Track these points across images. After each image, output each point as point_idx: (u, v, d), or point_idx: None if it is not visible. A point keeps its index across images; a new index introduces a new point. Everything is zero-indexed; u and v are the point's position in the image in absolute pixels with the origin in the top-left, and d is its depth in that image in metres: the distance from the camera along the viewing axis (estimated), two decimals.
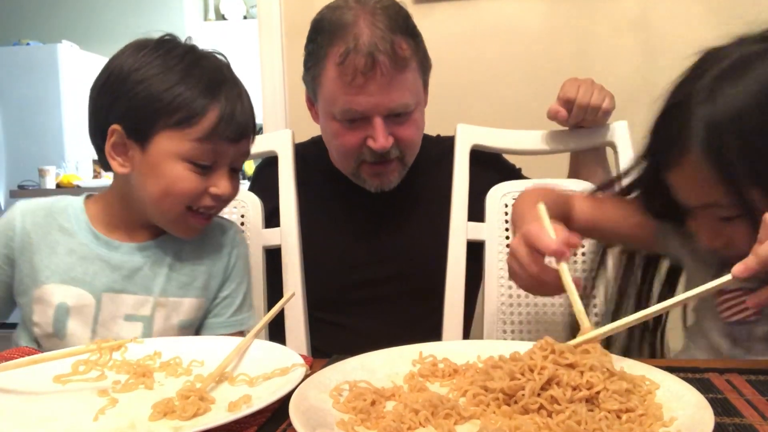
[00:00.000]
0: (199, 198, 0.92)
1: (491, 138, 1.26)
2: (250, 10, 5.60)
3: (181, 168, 0.89)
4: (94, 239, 0.94)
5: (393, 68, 1.10)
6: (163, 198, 0.90)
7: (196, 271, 0.97)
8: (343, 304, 1.25)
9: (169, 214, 0.93)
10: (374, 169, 1.18)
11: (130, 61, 0.91)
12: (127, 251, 0.94)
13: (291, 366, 0.68)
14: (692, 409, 0.54)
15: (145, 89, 0.88)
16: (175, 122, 0.88)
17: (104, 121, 0.90)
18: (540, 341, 0.62)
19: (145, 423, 0.59)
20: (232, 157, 0.94)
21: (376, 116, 1.12)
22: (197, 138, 0.88)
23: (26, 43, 4.84)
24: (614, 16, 1.74)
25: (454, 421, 0.56)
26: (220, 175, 0.93)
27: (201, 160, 0.90)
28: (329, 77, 1.13)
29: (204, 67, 0.92)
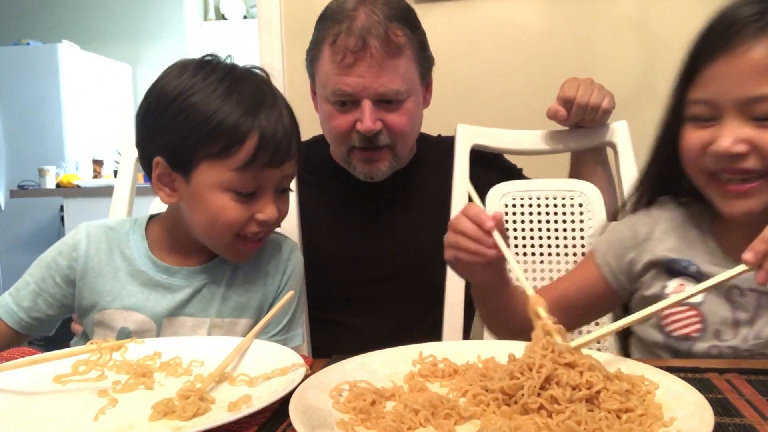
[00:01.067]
0: (246, 225, 0.91)
1: (491, 138, 1.26)
2: (250, 10, 5.60)
3: (224, 198, 0.88)
4: (152, 266, 0.95)
5: (384, 52, 1.11)
6: (210, 228, 0.91)
7: (251, 291, 0.97)
8: (343, 303, 1.25)
9: (218, 242, 0.93)
10: (364, 155, 1.19)
11: (170, 86, 0.90)
12: (185, 275, 0.95)
13: (291, 366, 0.68)
14: (692, 409, 0.54)
15: (184, 119, 0.88)
16: (215, 152, 0.87)
17: (149, 152, 0.92)
18: (542, 340, 0.62)
19: (145, 423, 0.59)
20: (276, 181, 0.92)
21: (365, 99, 1.13)
22: (237, 167, 0.87)
23: (26, 43, 4.84)
24: (614, 16, 1.74)
25: (454, 421, 0.56)
26: (266, 200, 0.91)
27: (243, 189, 0.89)
28: (324, 59, 1.16)
29: (242, 91, 0.91)
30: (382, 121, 1.15)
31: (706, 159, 0.81)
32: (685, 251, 0.89)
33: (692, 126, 0.83)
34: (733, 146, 0.77)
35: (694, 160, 0.83)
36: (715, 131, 0.80)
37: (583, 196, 1.18)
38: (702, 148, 0.81)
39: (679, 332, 0.86)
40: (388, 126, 1.16)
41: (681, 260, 0.88)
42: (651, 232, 0.92)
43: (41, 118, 4.48)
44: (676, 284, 0.88)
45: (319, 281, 1.22)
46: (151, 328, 0.92)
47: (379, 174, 1.21)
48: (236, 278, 0.97)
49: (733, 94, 0.78)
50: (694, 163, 0.84)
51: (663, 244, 0.90)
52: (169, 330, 0.93)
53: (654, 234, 0.92)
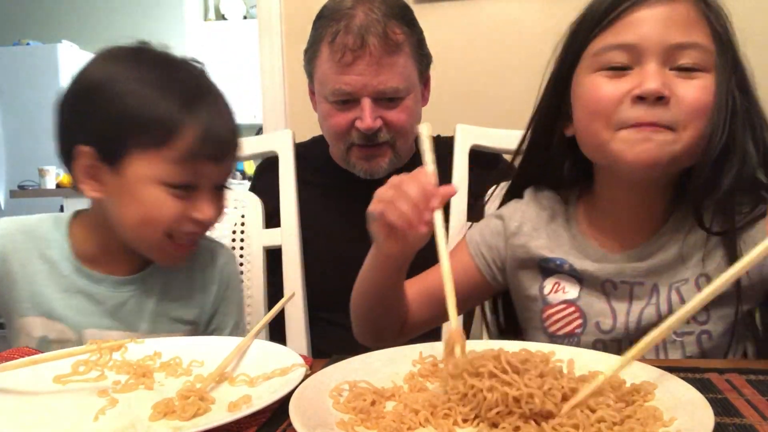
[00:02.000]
0: (180, 224, 0.84)
1: (490, 138, 1.26)
2: (250, 10, 5.60)
3: (158, 192, 0.81)
4: (74, 270, 0.87)
5: (383, 50, 1.12)
6: (140, 225, 0.83)
7: (186, 305, 0.92)
8: (343, 303, 1.25)
9: (148, 243, 0.85)
10: (363, 152, 1.20)
11: (99, 73, 0.83)
12: (111, 285, 0.88)
13: (291, 366, 0.68)
14: (692, 409, 0.54)
15: (115, 106, 0.80)
16: (149, 142, 0.80)
17: (71, 141, 0.83)
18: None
19: (145, 423, 0.59)
20: (215, 178, 0.86)
21: (365, 97, 1.14)
22: (175, 159, 0.80)
23: (26, 43, 4.85)
24: None
25: (453, 421, 0.56)
26: (204, 198, 0.84)
27: (180, 182, 0.81)
28: (322, 59, 1.17)
29: (180, 79, 0.84)
30: (382, 118, 1.16)
31: (621, 109, 0.77)
32: (557, 249, 0.88)
33: (602, 76, 0.79)
34: (662, 89, 0.74)
35: (606, 112, 0.78)
36: (634, 79, 0.76)
37: None
38: (619, 97, 0.77)
39: (562, 330, 0.85)
40: (388, 123, 1.17)
41: (554, 259, 0.87)
42: (520, 227, 0.91)
43: (41, 118, 4.47)
44: (552, 282, 0.87)
45: (319, 281, 1.22)
46: (71, 338, 0.85)
47: (380, 171, 1.22)
48: (168, 290, 0.90)
49: (657, 39, 0.76)
50: (605, 115, 0.78)
51: (534, 242, 0.89)
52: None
53: (523, 230, 0.90)
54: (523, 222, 0.91)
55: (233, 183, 3.21)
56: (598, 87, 0.80)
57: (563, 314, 0.86)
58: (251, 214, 1.22)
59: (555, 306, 0.86)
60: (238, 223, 1.22)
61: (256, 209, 1.23)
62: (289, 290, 1.15)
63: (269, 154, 1.27)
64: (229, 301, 0.97)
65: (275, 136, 1.29)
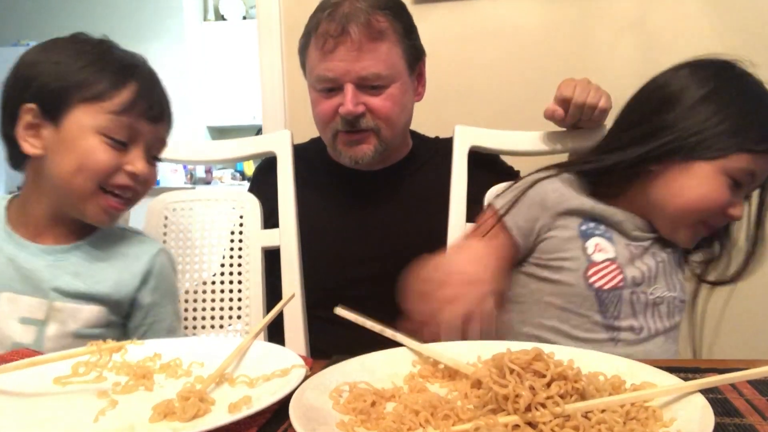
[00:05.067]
0: (113, 175, 0.90)
1: (490, 139, 1.26)
2: (250, 10, 5.60)
3: (95, 141, 0.88)
4: (5, 236, 0.93)
5: (364, 36, 1.15)
6: (75, 174, 0.89)
7: (101, 278, 0.94)
8: (342, 301, 1.24)
9: (80, 192, 0.90)
10: (347, 137, 1.22)
11: (39, 49, 0.92)
12: (33, 252, 0.93)
13: (291, 367, 0.68)
14: (692, 409, 0.54)
15: (58, 66, 0.89)
16: (91, 95, 0.88)
17: (15, 105, 0.89)
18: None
19: (145, 424, 0.59)
20: (149, 139, 0.93)
21: (347, 83, 1.16)
22: (114, 111, 0.89)
23: (26, 44, 4.84)
24: (614, 16, 1.74)
25: (452, 422, 0.56)
26: (137, 154, 0.92)
27: (117, 134, 0.89)
28: (310, 48, 1.20)
29: (118, 53, 0.93)
30: (365, 105, 1.18)
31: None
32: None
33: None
34: None
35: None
36: None
37: None
38: None
39: (608, 285, 0.96)
40: (371, 110, 1.19)
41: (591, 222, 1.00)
42: (561, 196, 1.01)
43: None
44: (593, 244, 0.99)
45: (318, 279, 1.22)
46: None
47: (364, 158, 1.23)
48: (87, 264, 0.94)
49: None
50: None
51: (574, 207, 1.01)
52: (7, 307, 0.89)
53: (564, 197, 1.01)
54: (562, 192, 1.02)
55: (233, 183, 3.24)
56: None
57: (607, 271, 0.97)
58: (249, 215, 1.22)
59: (599, 264, 0.97)
60: (237, 223, 1.22)
61: (254, 210, 1.22)
62: (288, 291, 1.15)
63: (268, 154, 1.27)
64: (163, 293, 1.00)
65: (274, 136, 1.29)
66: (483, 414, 0.55)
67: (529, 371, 0.56)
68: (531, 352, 0.57)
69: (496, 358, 0.58)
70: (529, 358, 0.57)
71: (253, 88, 5.46)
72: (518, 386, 0.54)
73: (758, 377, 0.57)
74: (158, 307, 0.99)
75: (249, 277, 1.19)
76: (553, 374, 0.55)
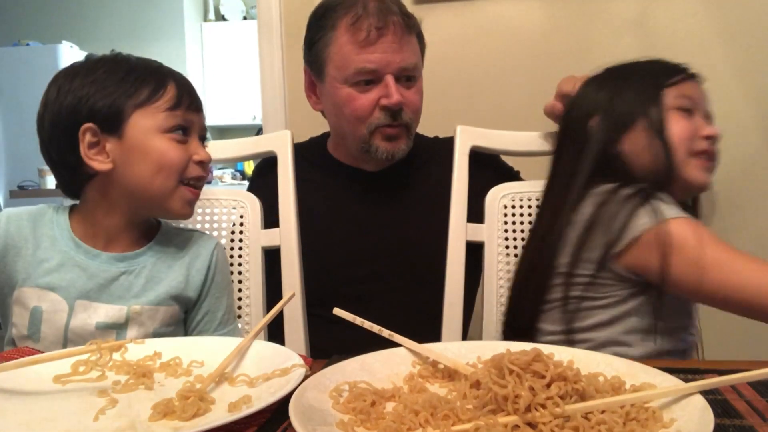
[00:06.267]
0: (187, 168, 0.95)
1: (490, 139, 1.26)
2: (250, 10, 5.61)
3: (164, 141, 0.93)
4: (74, 246, 0.95)
5: (403, 27, 1.16)
6: (155, 175, 0.93)
7: (172, 278, 0.98)
8: (341, 301, 1.24)
9: (164, 191, 0.94)
10: (387, 131, 1.21)
11: (68, 77, 0.93)
12: (105, 260, 0.95)
13: (291, 366, 0.68)
14: (692, 410, 0.54)
15: (98, 84, 0.92)
16: (143, 99, 0.92)
17: (71, 131, 0.91)
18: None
19: (145, 423, 0.59)
20: (198, 127, 0.98)
21: (388, 74, 1.16)
22: (167, 108, 0.93)
23: (26, 43, 4.85)
24: (614, 16, 1.74)
25: (452, 422, 0.56)
26: (196, 143, 0.97)
27: (176, 128, 0.94)
28: (341, 43, 1.17)
29: (141, 60, 0.98)
30: (403, 97, 1.18)
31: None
32: None
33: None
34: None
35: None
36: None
37: None
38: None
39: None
40: (406, 103, 1.19)
41: None
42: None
43: None
44: None
45: (318, 278, 1.22)
46: (62, 309, 0.92)
47: (399, 152, 1.23)
48: (157, 267, 0.97)
49: None
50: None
51: None
52: (82, 315, 0.92)
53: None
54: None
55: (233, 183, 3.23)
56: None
57: None
58: (250, 215, 1.22)
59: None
60: (237, 223, 1.22)
61: (254, 210, 1.22)
62: (288, 290, 1.15)
63: (268, 154, 1.27)
64: (219, 286, 1.03)
65: (274, 136, 1.29)
66: (483, 414, 0.55)
67: (528, 372, 0.56)
68: (530, 352, 0.57)
69: (495, 359, 0.58)
70: (528, 359, 0.57)
71: (253, 88, 5.47)
72: (518, 387, 0.54)
73: (758, 379, 0.57)
74: (213, 299, 1.02)
75: (249, 277, 1.20)
76: (552, 375, 0.55)
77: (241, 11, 5.68)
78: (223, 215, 1.23)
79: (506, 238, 1.20)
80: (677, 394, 0.57)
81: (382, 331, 0.76)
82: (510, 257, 1.19)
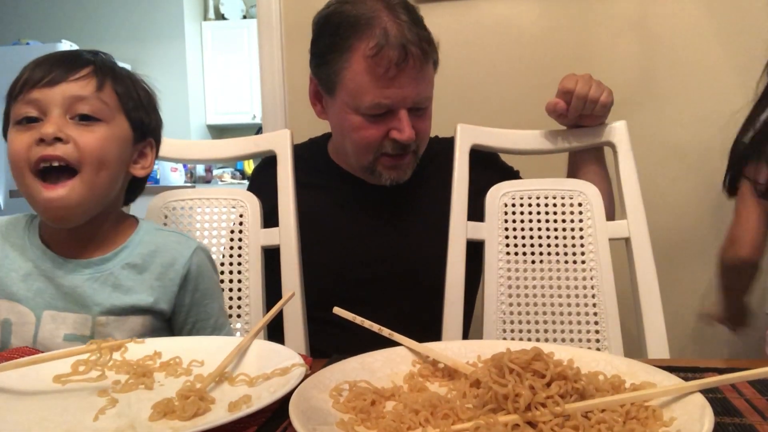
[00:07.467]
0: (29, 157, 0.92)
1: (491, 138, 1.26)
2: (250, 9, 5.60)
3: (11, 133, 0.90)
4: (41, 255, 0.91)
5: (420, 60, 1.13)
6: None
7: (141, 288, 0.93)
8: (341, 302, 1.25)
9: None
10: (393, 161, 1.21)
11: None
12: (72, 268, 0.91)
13: (291, 366, 0.68)
14: (692, 409, 0.54)
15: (146, 100, 0.97)
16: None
17: (142, 142, 0.97)
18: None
19: (145, 423, 0.59)
20: (59, 102, 0.93)
21: (402, 109, 1.14)
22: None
23: (26, 43, 4.84)
24: (614, 16, 1.74)
25: (452, 421, 0.56)
26: (48, 124, 0.93)
27: (22, 117, 0.89)
28: (356, 71, 1.14)
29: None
30: (413, 128, 1.16)
31: None
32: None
33: None
34: None
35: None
36: None
37: (582, 196, 1.18)
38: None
39: None
40: (417, 133, 1.18)
41: None
42: None
43: None
44: None
45: (317, 281, 1.22)
46: (30, 320, 0.89)
47: (404, 178, 1.23)
48: (126, 274, 0.93)
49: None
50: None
51: None
52: (50, 325, 0.88)
53: None
54: None
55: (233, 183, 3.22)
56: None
57: None
58: (249, 214, 1.22)
59: None
60: (237, 223, 1.22)
61: (254, 209, 1.22)
62: (288, 290, 1.15)
63: (268, 153, 1.27)
64: (204, 293, 0.99)
65: (273, 135, 1.28)
66: (483, 413, 0.55)
67: (528, 371, 0.56)
68: (530, 351, 0.57)
69: (495, 358, 0.58)
70: (528, 358, 0.57)
71: (253, 88, 5.48)
72: (518, 386, 0.54)
73: (758, 377, 0.57)
74: (199, 307, 0.98)
75: (249, 276, 1.19)
76: (552, 374, 0.55)
77: (240, 11, 5.68)
78: (222, 215, 1.23)
79: (506, 236, 1.19)
80: (677, 393, 0.57)
81: (382, 330, 0.76)
82: (510, 256, 1.19)
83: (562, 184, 1.21)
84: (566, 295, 1.15)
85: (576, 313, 1.14)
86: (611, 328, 1.12)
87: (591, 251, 1.15)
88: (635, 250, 1.15)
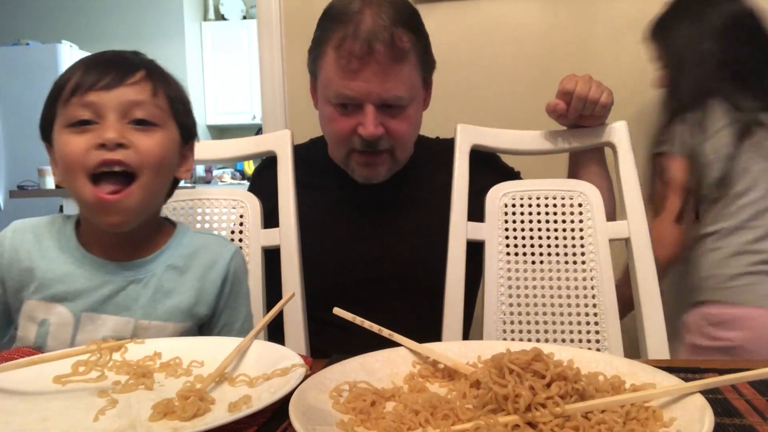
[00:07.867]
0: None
1: (491, 138, 1.26)
2: (250, 10, 5.61)
3: (62, 135, 0.89)
4: (80, 256, 0.91)
5: (390, 58, 1.11)
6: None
7: (183, 290, 0.93)
8: (342, 303, 1.24)
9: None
10: (363, 158, 1.20)
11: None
12: (112, 269, 0.91)
13: (291, 366, 0.68)
14: (692, 409, 0.54)
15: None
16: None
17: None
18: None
19: (145, 423, 0.59)
20: (115, 105, 0.93)
21: (368, 104, 1.13)
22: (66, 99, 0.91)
23: (26, 43, 4.84)
24: (614, 16, 1.74)
25: (452, 422, 0.56)
26: (106, 126, 0.93)
27: (75, 120, 0.88)
28: (328, 61, 1.16)
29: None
30: (383, 125, 1.15)
31: None
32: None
33: None
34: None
35: None
36: None
37: (583, 196, 1.18)
38: None
39: None
40: (389, 131, 1.16)
41: None
42: None
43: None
44: None
45: (318, 281, 1.22)
46: (68, 322, 0.88)
47: (378, 177, 1.22)
48: (168, 278, 0.93)
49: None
50: None
51: None
52: (89, 327, 0.88)
53: None
54: None
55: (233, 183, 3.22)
56: None
57: None
58: (249, 214, 1.22)
59: None
60: (237, 223, 1.22)
61: (254, 209, 1.22)
62: (288, 290, 1.15)
63: (268, 154, 1.27)
64: (236, 296, 0.99)
65: (274, 136, 1.28)
66: (483, 414, 0.55)
67: (528, 371, 0.56)
68: (530, 352, 0.57)
69: (495, 359, 0.58)
70: (528, 359, 0.57)
71: (253, 88, 5.48)
72: (518, 386, 0.54)
73: (758, 378, 0.57)
74: (230, 310, 0.98)
75: (249, 277, 1.19)
76: (552, 375, 0.55)
77: (240, 11, 5.68)
78: (222, 215, 1.23)
79: (506, 237, 1.19)
80: (677, 394, 0.57)
81: (382, 331, 0.76)
82: (510, 256, 1.19)
83: (563, 184, 1.21)
84: (566, 296, 1.15)
85: (576, 313, 1.14)
86: (611, 329, 1.12)
87: (591, 252, 1.15)
88: (635, 250, 1.15)
